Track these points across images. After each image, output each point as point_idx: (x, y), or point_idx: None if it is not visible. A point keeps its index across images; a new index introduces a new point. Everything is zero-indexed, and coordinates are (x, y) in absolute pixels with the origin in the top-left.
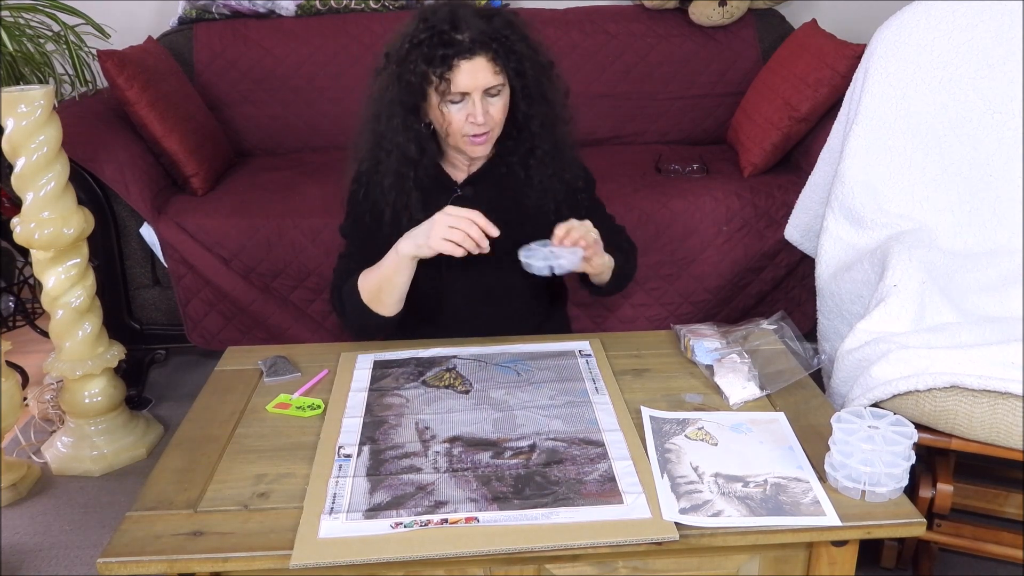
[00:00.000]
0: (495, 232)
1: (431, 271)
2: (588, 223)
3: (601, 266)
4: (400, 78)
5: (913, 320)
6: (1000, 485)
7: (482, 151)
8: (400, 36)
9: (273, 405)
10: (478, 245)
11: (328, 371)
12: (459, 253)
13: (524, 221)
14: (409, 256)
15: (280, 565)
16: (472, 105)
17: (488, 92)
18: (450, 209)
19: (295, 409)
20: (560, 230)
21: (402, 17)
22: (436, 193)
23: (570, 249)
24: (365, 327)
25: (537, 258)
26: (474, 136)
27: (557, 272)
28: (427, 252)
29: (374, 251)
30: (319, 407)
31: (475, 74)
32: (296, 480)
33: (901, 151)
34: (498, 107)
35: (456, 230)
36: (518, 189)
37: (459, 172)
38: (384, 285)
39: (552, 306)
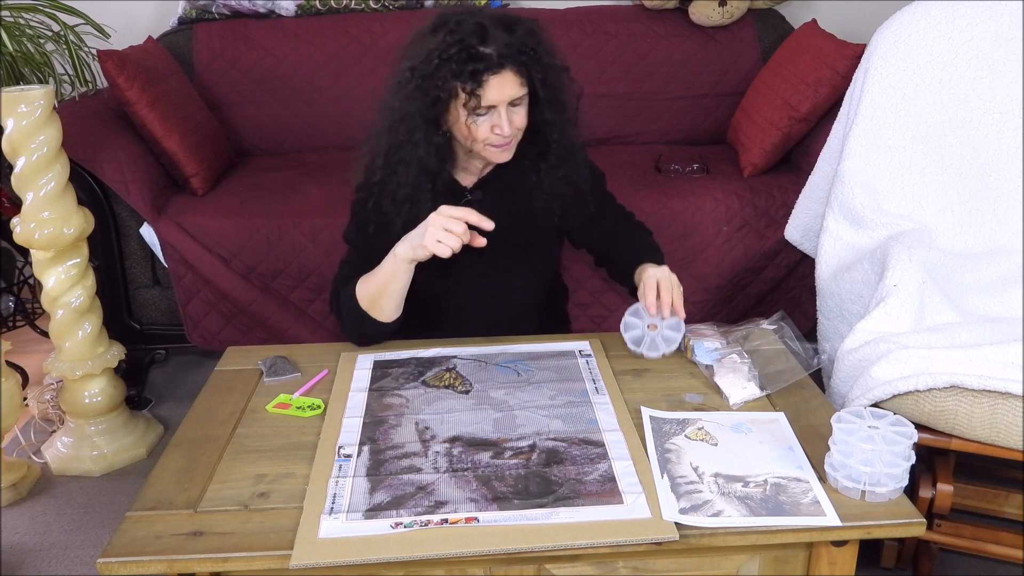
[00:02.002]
0: (489, 225)
1: (437, 275)
2: (665, 272)
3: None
4: (427, 93)
5: (913, 320)
6: (1000, 485)
7: (506, 157)
8: (423, 47)
9: (273, 405)
10: (472, 241)
11: (328, 371)
12: (447, 254)
13: (530, 223)
14: (407, 260)
15: (280, 565)
16: (498, 116)
17: (512, 102)
18: (443, 209)
19: (295, 409)
20: (650, 297)
21: (402, 17)
22: (446, 198)
23: (670, 325)
24: (364, 335)
25: (647, 347)
26: (498, 145)
27: (668, 353)
28: (423, 254)
29: (377, 260)
30: (319, 407)
31: (503, 88)
32: (296, 480)
33: (901, 151)
34: (521, 115)
35: (449, 233)
36: (527, 191)
37: (469, 176)
38: (382, 290)
39: (552, 306)
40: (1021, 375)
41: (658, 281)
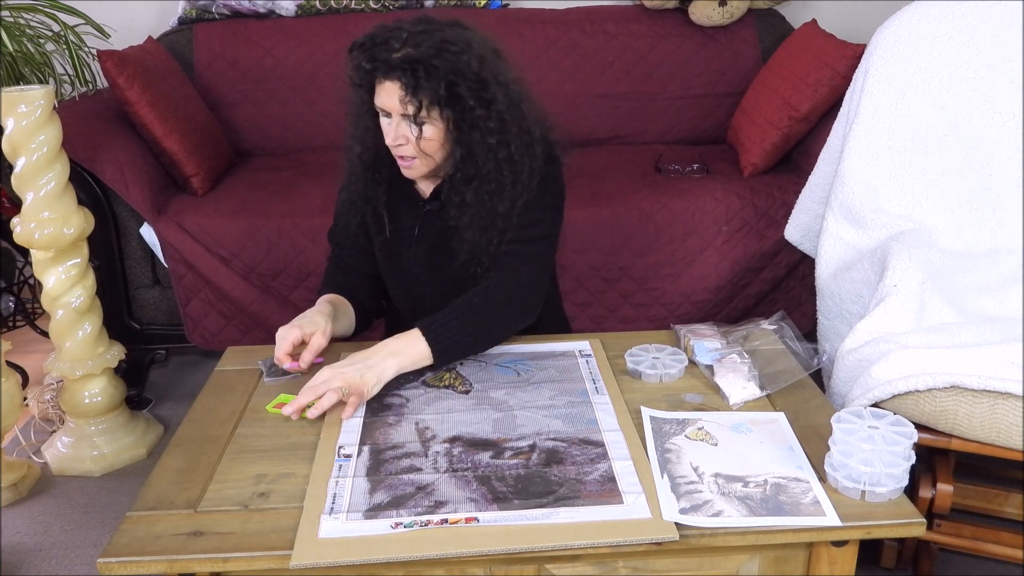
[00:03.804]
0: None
1: (404, 287)
2: (321, 376)
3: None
4: (352, 88)
5: (913, 320)
6: (1000, 485)
7: (412, 175)
8: None
9: (273, 405)
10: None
11: (323, 360)
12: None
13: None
14: None
15: (280, 565)
16: (391, 124)
17: (410, 120)
18: (281, 332)
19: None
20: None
21: (402, 17)
22: (405, 207)
23: (673, 355)
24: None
25: (646, 367)
26: (399, 156)
27: (666, 380)
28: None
29: (357, 258)
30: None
31: (390, 96)
32: (296, 480)
33: (901, 151)
34: (416, 137)
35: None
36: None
37: (427, 185)
38: None
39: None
40: (1021, 375)
41: (322, 380)
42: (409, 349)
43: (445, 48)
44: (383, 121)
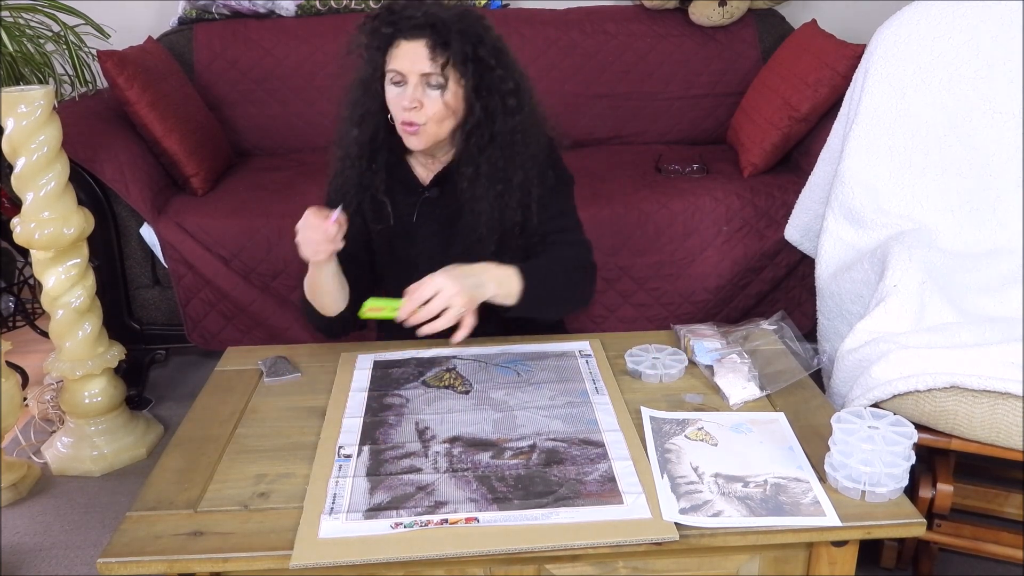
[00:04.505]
0: (331, 227)
1: (403, 276)
2: (436, 285)
3: (497, 299)
4: (356, 52)
5: (913, 320)
6: (1000, 485)
7: (416, 144)
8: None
9: (366, 309)
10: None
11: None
12: (318, 259)
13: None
14: (320, 265)
15: (280, 565)
16: (407, 89)
17: (428, 82)
18: (301, 222)
19: (391, 310)
20: (411, 305)
21: None
22: (404, 194)
23: (673, 355)
24: (322, 327)
25: (646, 367)
26: (406, 124)
27: (666, 380)
28: (319, 259)
29: (349, 251)
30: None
31: (412, 55)
32: (296, 480)
33: (901, 151)
34: (435, 102)
35: (307, 244)
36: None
37: (426, 172)
38: (315, 288)
39: None
40: (1021, 375)
41: (436, 291)
42: (507, 283)
43: (468, 13)
44: (393, 92)
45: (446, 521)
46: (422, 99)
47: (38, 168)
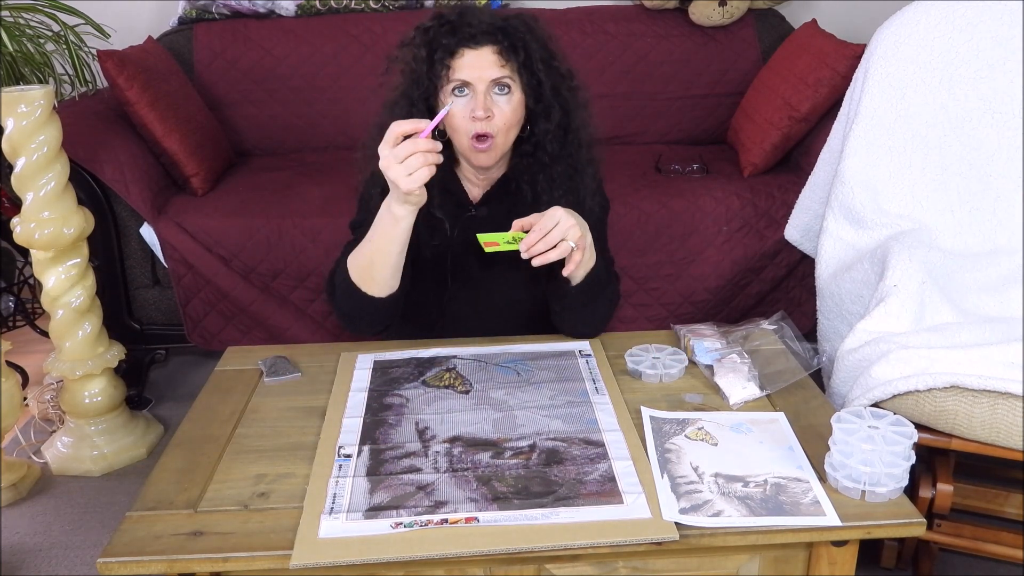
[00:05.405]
0: (424, 127)
1: (438, 281)
2: (556, 216)
3: (586, 264)
4: (405, 67)
5: (913, 320)
6: (1000, 485)
7: (487, 160)
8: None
9: (485, 242)
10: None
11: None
12: (420, 182)
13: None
14: (406, 214)
15: (280, 565)
16: (476, 98)
17: (496, 90)
18: (382, 149)
19: (505, 244)
20: (533, 236)
21: (402, 17)
22: (451, 207)
23: (673, 355)
24: (354, 314)
25: (646, 367)
26: (477, 138)
27: (666, 380)
28: (408, 199)
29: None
30: (518, 238)
31: (479, 63)
32: (296, 480)
33: (901, 151)
34: (505, 107)
35: (407, 162)
36: (527, 209)
37: (476, 188)
38: (376, 257)
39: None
40: (1021, 375)
41: (556, 222)
42: (592, 253)
43: (525, 19)
44: (457, 103)
45: (446, 521)
46: (491, 107)
47: (38, 168)
